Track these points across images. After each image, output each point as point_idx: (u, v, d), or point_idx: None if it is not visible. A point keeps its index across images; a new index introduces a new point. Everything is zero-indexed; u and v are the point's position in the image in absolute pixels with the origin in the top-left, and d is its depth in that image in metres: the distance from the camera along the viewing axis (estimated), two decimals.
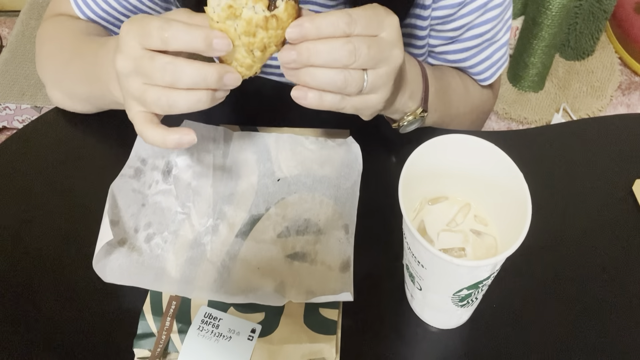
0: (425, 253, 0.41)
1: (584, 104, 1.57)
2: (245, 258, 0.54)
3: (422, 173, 0.45)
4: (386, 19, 0.46)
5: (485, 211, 0.47)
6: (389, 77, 0.47)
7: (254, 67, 0.46)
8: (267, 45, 0.43)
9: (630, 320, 0.51)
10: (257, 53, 0.44)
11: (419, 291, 0.47)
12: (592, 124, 0.66)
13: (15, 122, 1.41)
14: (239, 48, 0.44)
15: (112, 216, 0.55)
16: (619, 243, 0.56)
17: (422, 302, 0.49)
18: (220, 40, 0.42)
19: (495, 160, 0.44)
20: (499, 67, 0.69)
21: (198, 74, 0.43)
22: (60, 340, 0.51)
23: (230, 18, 0.42)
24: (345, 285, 0.51)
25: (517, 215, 0.41)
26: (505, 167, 0.43)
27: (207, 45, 0.42)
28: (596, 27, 1.57)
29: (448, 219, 0.47)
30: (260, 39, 0.43)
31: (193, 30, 0.42)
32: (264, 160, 0.60)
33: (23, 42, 1.43)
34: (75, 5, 0.66)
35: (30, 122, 0.68)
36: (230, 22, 0.42)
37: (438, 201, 0.48)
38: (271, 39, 0.43)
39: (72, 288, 0.54)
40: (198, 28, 0.42)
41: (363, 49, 0.44)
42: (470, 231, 0.46)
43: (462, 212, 0.47)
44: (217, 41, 0.42)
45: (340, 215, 0.56)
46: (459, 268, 0.40)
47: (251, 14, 0.42)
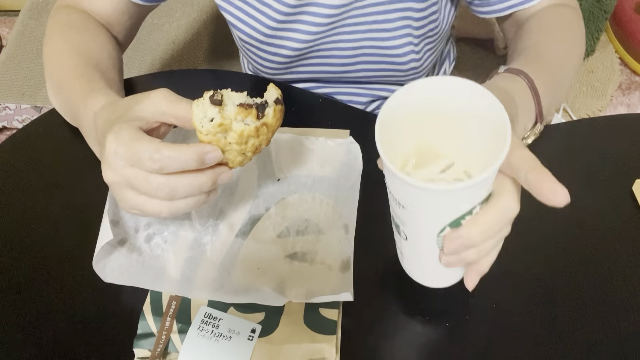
0: (402, 187, 0.39)
1: (584, 104, 1.57)
2: (245, 258, 0.54)
3: (401, 118, 0.42)
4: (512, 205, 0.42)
5: (470, 165, 0.45)
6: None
7: (244, 162, 0.48)
8: (257, 147, 0.46)
9: (630, 319, 0.51)
10: (248, 154, 0.46)
11: (405, 242, 0.45)
12: (592, 124, 0.66)
13: (15, 122, 1.41)
14: (230, 151, 0.46)
15: (112, 216, 0.55)
16: (619, 243, 0.56)
17: (410, 256, 0.47)
18: (212, 155, 0.45)
19: (476, 96, 0.41)
20: None
21: (193, 187, 0.45)
22: (60, 340, 0.51)
23: (221, 132, 0.44)
24: (345, 285, 0.52)
25: (499, 147, 0.38)
26: (484, 100, 0.40)
27: (200, 163, 0.44)
28: (596, 27, 1.57)
29: (431, 176, 0.45)
30: (251, 144, 0.45)
31: (184, 155, 0.43)
32: (264, 160, 0.60)
33: (23, 42, 1.43)
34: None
35: (30, 122, 0.68)
36: (220, 135, 0.44)
37: (422, 164, 0.45)
38: (262, 141, 0.45)
39: (72, 288, 0.54)
40: (188, 150, 0.44)
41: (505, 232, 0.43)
42: (453, 180, 0.44)
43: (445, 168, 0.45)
44: (209, 156, 0.45)
45: (340, 215, 0.56)
46: (436, 196, 0.38)
47: (242, 126, 0.44)
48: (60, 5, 0.69)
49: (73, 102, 0.59)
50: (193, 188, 0.45)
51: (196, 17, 1.45)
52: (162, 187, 0.44)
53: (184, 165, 0.44)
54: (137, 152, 0.44)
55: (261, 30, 0.70)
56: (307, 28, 0.70)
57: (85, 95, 0.56)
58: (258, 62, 0.75)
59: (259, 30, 0.71)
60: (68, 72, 0.61)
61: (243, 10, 0.71)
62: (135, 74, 0.74)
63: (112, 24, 0.69)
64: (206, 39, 1.41)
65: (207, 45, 1.39)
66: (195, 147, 0.44)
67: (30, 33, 1.44)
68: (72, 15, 0.66)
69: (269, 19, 0.69)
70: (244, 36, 0.72)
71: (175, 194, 0.45)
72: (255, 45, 0.73)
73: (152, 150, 0.43)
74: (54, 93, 0.64)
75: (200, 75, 0.78)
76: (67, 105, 0.61)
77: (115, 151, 0.45)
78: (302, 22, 0.69)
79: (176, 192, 0.45)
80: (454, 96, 0.42)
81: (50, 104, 1.22)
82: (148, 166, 0.44)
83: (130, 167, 0.44)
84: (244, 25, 0.71)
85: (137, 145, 0.44)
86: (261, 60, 0.74)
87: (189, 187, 0.45)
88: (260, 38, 0.71)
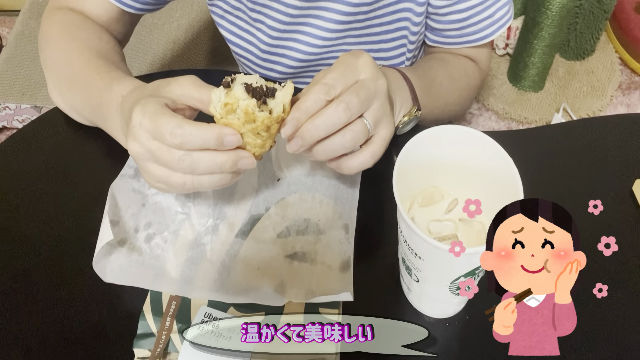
0: (421, 244, 0.41)
1: (584, 104, 1.57)
2: (245, 258, 0.54)
3: (415, 164, 0.45)
4: (358, 62, 0.49)
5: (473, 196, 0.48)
6: (384, 107, 0.50)
7: (266, 144, 0.48)
8: (269, 125, 0.46)
9: (630, 318, 0.51)
10: (263, 134, 0.47)
11: (416, 283, 0.47)
12: (592, 124, 0.66)
13: (15, 122, 1.41)
14: (247, 134, 0.46)
15: (112, 216, 0.55)
16: (618, 243, 0.56)
17: (419, 294, 0.49)
18: (230, 137, 0.45)
19: (487, 148, 0.44)
20: (502, 25, 0.70)
21: (214, 164, 0.46)
22: (60, 340, 0.51)
23: (230, 113, 0.45)
24: (345, 285, 0.52)
25: (508, 201, 0.41)
26: (496, 155, 0.43)
27: (219, 144, 0.45)
28: (596, 27, 1.57)
29: (437, 215, 0.47)
30: (261, 121, 0.45)
31: (204, 133, 0.44)
32: (264, 160, 0.60)
33: (23, 42, 1.43)
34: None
35: (30, 122, 0.68)
36: (231, 116, 0.45)
37: (428, 203, 0.48)
38: (272, 120, 0.46)
39: (72, 288, 0.54)
40: (208, 129, 0.45)
41: (353, 99, 0.46)
42: (458, 220, 0.47)
43: (450, 206, 0.48)
44: (227, 139, 0.45)
45: (340, 215, 0.56)
46: (456, 256, 0.40)
47: (245, 103, 0.45)
48: (54, 7, 0.68)
49: (93, 95, 0.59)
50: (214, 164, 0.46)
51: (196, 17, 1.45)
52: (184, 159, 0.45)
53: (203, 142, 0.45)
54: (160, 126, 0.44)
55: (258, 46, 0.72)
56: (302, 47, 0.71)
57: (108, 83, 0.57)
58: None
59: (256, 46, 0.72)
60: (81, 67, 0.61)
61: (238, 26, 0.72)
62: (135, 73, 0.74)
63: (106, 28, 0.69)
64: (206, 39, 1.41)
65: (207, 45, 1.39)
66: (216, 127, 0.45)
67: (30, 33, 1.44)
68: (69, 15, 0.66)
69: (265, 35, 0.70)
70: (241, 51, 0.73)
71: (197, 167, 0.45)
72: (252, 60, 0.74)
73: (175, 125, 0.44)
74: (62, 92, 0.64)
75: (200, 75, 0.78)
76: (83, 100, 0.61)
77: (140, 123, 0.46)
78: (298, 40, 0.71)
79: (197, 166, 0.45)
80: (462, 145, 0.45)
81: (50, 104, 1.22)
82: (169, 140, 0.44)
83: (154, 140, 0.45)
84: (241, 41, 0.73)
85: (160, 119, 0.45)
86: None
87: (210, 163, 0.45)
88: (257, 53, 0.73)
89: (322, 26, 0.68)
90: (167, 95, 0.48)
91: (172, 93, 0.48)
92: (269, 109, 0.46)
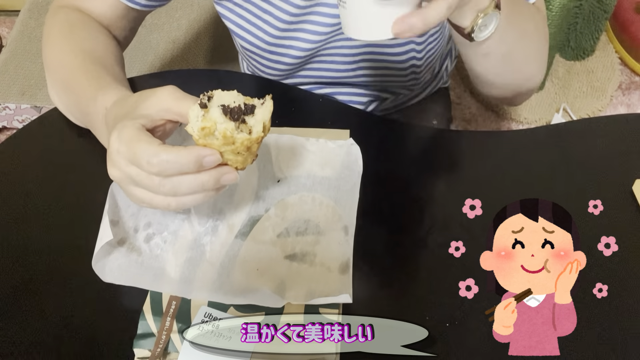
0: None
1: (584, 104, 1.57)
2: (244, 259, 0.54)
3: None
4: None
5: None
6: None
7: (247, 160, 0.48)
8: (249, 146, 0.46)
9: (630, 318, 0.51)
10: (244, 153, 0.46)
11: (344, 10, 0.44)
12: (592, 124, 0.66)
13: (15, 122, 1.41)
14: (227, 152, 0.46)
15: (112, 216, 0.55)
16: (618, 243, 0.56)
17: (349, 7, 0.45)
18: (209, 158, 0.45)
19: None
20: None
21: (196, 185, 0.45)
22: (60, 340, 0.51)
23: (209, 135, 0.44)
24: (344, 287, 0.51)
25: None
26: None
27: (198, 166, 0.45)
28: (596, 27, 1.57)
29: None
30: (240, 142, 0.45)
31: (181, 159, 0.44)
32: (264, 161, 0.60)
33: (23, 42, 1.42)
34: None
35: (30, 122, 0.68)
36: (210, 138, 0.45)
37: None
38: (252, 141, 0.45)
39: (72, 288, 0.54)
40: (186, 154, 0.44)
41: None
42: None
43: None
44: (207, 159, 0.45)
45: (340, 216, 0.56)
46: None
47: (223, 126, 0.44)
48: (58, 5, 0.68)
49: (82, 101, 0.59)
50: (196, 185, 0.45)
51: (196, 17, 1.45)
52: (164, 183, 0.45)
53: (182, 168, 0.44)
54: (136, 154, 0.44)
55: (264, 39, 0.71)
56: (309, 37, 0.70)
57: (94, 92, 0.57)
58: (260, 68, 0.75)
59: (262, 39, 0.71)
60: (74, 70, 0.61)
61: (245, 18, 0.71)
62: (135, 74, 0.74)
63: (111, 27, 0.69)
64: (206, 39, 1.41)
65: (207, 45, 1.39)
66: (193, 151, 0.44)
67: (30, 33, 1.44)
68: (71, 15, 0.66)
69: (271, 27, 0.69)
70: (246, 44, 0.72)
71: (178, 190, 0.45)
72: (258, 53, 0.73)
73: (150, 154, 0.44)
74: (58, 93, 0.64)
75: (200, 75, 0.78)
76: (75, 104, 0.61)
77: (117, 149, 0.45)
78: (305, 30, 0.70)
79: (179, 189, 0.45)
80: None
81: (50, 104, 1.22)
82: (147, 169, 0.44)
83: (132, 166, 0.45)
84: (247, 34, 0.72)
85: (136, 147, 0.44)
86: (263, 67, 0.74)
87: (192, 184, 0.45)
88: (263, 46, 0.72)
89: (328, 13, 0.68)
90: (145, 112, 0.47)
91: (150, 109, 0.47)
92: (248, 127, 0.45)
